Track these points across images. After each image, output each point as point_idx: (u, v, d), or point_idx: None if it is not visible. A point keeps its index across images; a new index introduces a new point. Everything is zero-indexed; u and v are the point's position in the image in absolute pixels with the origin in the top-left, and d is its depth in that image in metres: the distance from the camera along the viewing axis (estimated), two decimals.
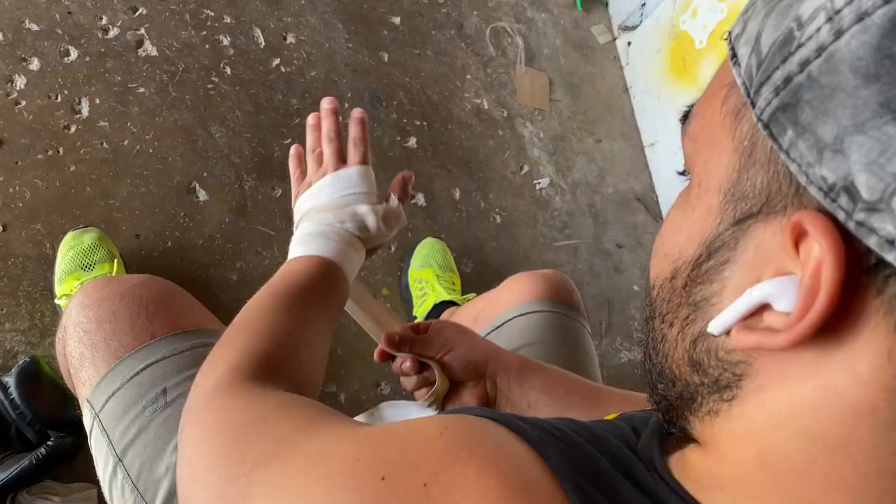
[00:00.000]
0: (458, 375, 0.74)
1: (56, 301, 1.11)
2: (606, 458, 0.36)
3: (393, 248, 1.49)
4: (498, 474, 0.32)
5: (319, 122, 0.86)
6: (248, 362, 0.56)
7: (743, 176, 0.30)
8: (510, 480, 0.32)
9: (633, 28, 2.10)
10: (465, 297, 1.38)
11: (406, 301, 1.45)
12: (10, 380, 1.01)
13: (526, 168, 1.81)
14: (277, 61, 1.52)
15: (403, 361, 0.75)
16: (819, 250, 0.26)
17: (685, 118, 0.37)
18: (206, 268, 1.29)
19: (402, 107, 1.66)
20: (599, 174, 1.95)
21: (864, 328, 0.27)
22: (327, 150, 0.83)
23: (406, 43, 1.74)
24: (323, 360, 0.65)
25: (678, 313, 0.35)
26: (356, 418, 0.75)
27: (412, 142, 1.64)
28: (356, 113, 0.84)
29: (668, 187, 1.98)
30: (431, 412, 0.73)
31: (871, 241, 0.25)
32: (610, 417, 0.53)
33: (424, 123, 1.68)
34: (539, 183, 1.81)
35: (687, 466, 0.36)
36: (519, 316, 0.96)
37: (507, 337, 0.94)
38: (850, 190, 0.25)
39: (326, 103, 0.84)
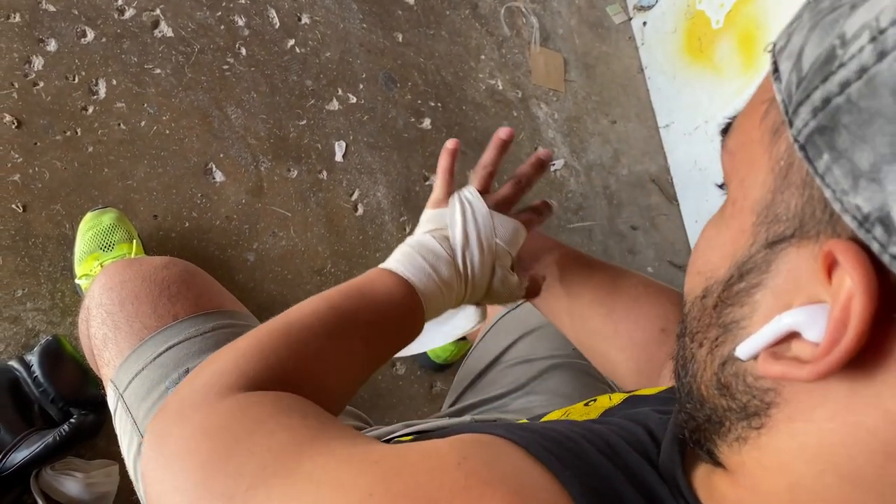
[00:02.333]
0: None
1: (76, 281, 1.13)
2: (628, 478, 0.35)
3: (407, 231, 1.49)
4: None
5: (506, 142, 0.75)
6: (258, 369, 0.50)
7: (777, 198, 0.29)
8: None
9: (649, 8, 2.08)
10: None
11: None
12: (32, 358, 1.03)
13: (541, 149, 1.80)
14: (292, 42, 1.51)
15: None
16: (851, 283, 0.25)
17: (725, 130, 0.35)
18: (223, 248, 1.30)
19: (417, 88, 1.66)
20: (614, 155, 1.95)
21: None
22: (508, 190, 0.72)
23: (420, 23, 1.73)
24: (349, 398, 0.59)
25: (708, 333, 0.34)
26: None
27: (426, 123, 1.64)
28: (550, 203, 0.78)
29: (682, 169, 1.97)
30: (478, 316, 0.75)
31: None
32: (618, 399, 0.53)
33: (439, 104, 1.67)
34: (554, 164, 1.80)
35: (716, 494, 0.35)
36: None
37: (523, 318, 0.95)
38: (886, 222, 0.24)
39: (542, 155, 0.76)
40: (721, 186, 0.36)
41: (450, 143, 0.74)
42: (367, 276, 0.63)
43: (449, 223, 0.67)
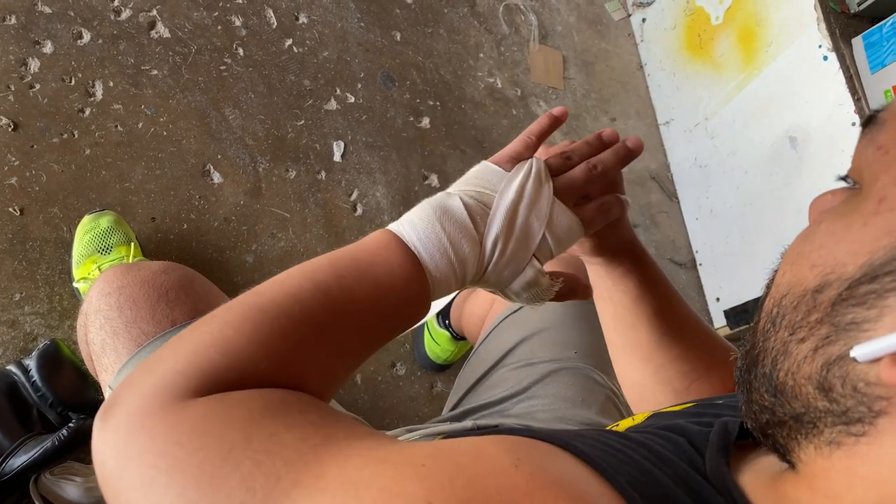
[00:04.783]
0: (582, 252, 0.65)
1: (74, 284, 1.12)
2: (678, 485, 0.34)
3: None
4: None
5: (611, 141, 0.62)
6: (222, 371, 0.42)
7: None
8: None
9: (648, 4, 2.07)
10: None
11: None
12: (31, 363, 1.02)
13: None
14: (290, 42, 1.51)
15: None
16: None
17: (869, 121, 0.33)
18: (222, 250, 1.29)
19: (416, 86, 1.65)
20: None
21: None
22: (580, 172, 0.57)
23: (418, 21, 1.73)
24: (333, 393, 0.49)
25: (816, 330, 0.32)
26: None
27: (425, 122, 1.63)
28: (623, 197, 0.62)
29: (682, 166, 1.97)
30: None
31: None
32: (640, 418, 0.51)
33: (438, 103, 1.67)
34: None
35: (783, 499, 0.33)
36: None
37: (525, 320, 0.94)
38: None
39: (632, 143, 0.61)
40: (844, 178, 0.34)
41: (556, 111, 0.62)
42: (367, 248, 0.50)
43: (500, 193, 0.54)
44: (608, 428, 0.51)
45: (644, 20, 2.09)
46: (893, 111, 0.32)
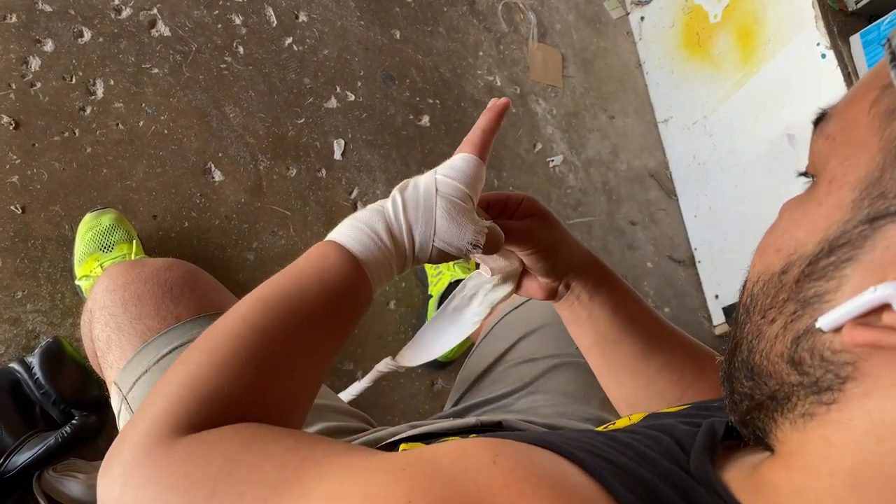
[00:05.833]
0: (538, 272, 0.67)
1: (76, 282, 1.13)
2: (664, 482, 0.35)
3: None
4: None
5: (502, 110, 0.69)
6: (192, 405, 0.44)
7: (886, 175, 0.30)
8: None
9: (647, 2, 2.08)
10: None
11: (421, 280, 1.46)
12: (33, 360, 1.03)
13: (539, 146, 1.80)
14: (290, 40, 1.51)
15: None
16: None
17: (820, 120, 0.36)
18: (223, 248, 1.30)
19: (415, 85, 1.65)
20: (613, 151, 1.94)
21: None
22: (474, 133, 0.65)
23: (418, 20, 1.73)
24: (307, 398, 0.52)
25: (783, 308, 0.34)
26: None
27: (425, 120, 1.63)
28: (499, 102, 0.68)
29: (681, 163, 1.97)
30: (503, 291, 0.68)
31: None
32: (637, 418, 0.52)
33: (437, 101, 1.67)
34: (552, 160, 1.80)
35: (764, 486, 0.34)
36: None
37: (527, 317, 0.95)
38: None
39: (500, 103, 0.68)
40: (804, 174, 0.37)
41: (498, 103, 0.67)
42: (304, 257, 0.56)
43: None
44: (603, 428, 0.52)
45: (642, 18, 2.10)
46: (838, 105, 0.35)
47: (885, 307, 0.29)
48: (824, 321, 0.31)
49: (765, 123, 1.67)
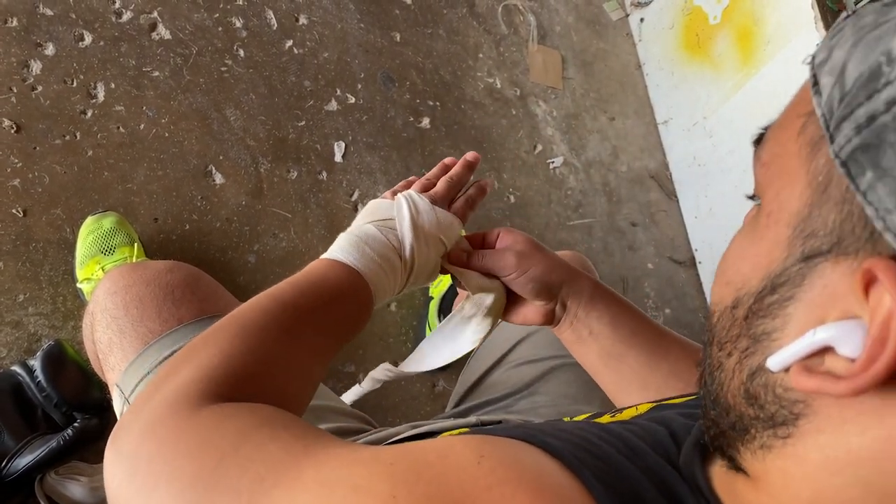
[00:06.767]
0: (529, 296, 0.69)
1: (77, 285, 1.13)
2: (649, 478, 0.35)
3: None
4: None
5: (451, 165, 0.78)
6: (222, 378, 0.48)
7: (815, 212, 0.29)
8: None
9: (646, 4, 2.08)
10: None
11: None
12: (35, 363, 1.03)
13: (539, 147, 1.80)
14: (290, 43, 1.51)
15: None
16: (891, 301, 0.25)
17: (759, 141, 0.35)
18: (224, 251, 1.30)
19: (415, 87, 1.66)
20: (613, 152, 1.95)
21: None
22: (441, 186, 0.74)
23: (418, 22, 1.73)
24: (313, 391, 0.57)
25: (737, 344, 0.34)
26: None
27: (425, 122, 1.64)
28: (482, 183, 0.79)
29: (681, 165, 1.98)
30: (486, 327, 0.71)
31: None
32: (644, 408, 0.52)
33: (437, 103, 1.67)
34: (553, 162, 1.81)
35: (738, 498, 0.35)
36: None
37: None
38: None
39: (470, 157, 0.78)
40: (752, 197, 0.36)
41: (449, 160, 0.78)
42: (317, 270, 0.63)
43: (397, 218, 0.69)
44: (610, 416, 0.53)
45: (642, 20, 2.10)
46: (773, 127, 0.34)
47: (829, 349, 0.28)
48: (772, 362, 0.31)
49: (765, 124, 1.67)
